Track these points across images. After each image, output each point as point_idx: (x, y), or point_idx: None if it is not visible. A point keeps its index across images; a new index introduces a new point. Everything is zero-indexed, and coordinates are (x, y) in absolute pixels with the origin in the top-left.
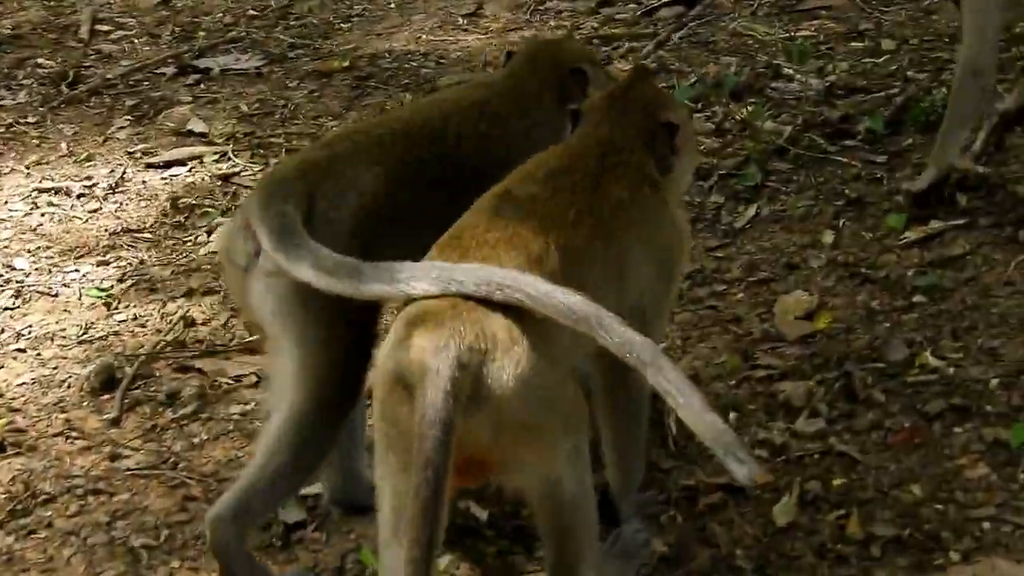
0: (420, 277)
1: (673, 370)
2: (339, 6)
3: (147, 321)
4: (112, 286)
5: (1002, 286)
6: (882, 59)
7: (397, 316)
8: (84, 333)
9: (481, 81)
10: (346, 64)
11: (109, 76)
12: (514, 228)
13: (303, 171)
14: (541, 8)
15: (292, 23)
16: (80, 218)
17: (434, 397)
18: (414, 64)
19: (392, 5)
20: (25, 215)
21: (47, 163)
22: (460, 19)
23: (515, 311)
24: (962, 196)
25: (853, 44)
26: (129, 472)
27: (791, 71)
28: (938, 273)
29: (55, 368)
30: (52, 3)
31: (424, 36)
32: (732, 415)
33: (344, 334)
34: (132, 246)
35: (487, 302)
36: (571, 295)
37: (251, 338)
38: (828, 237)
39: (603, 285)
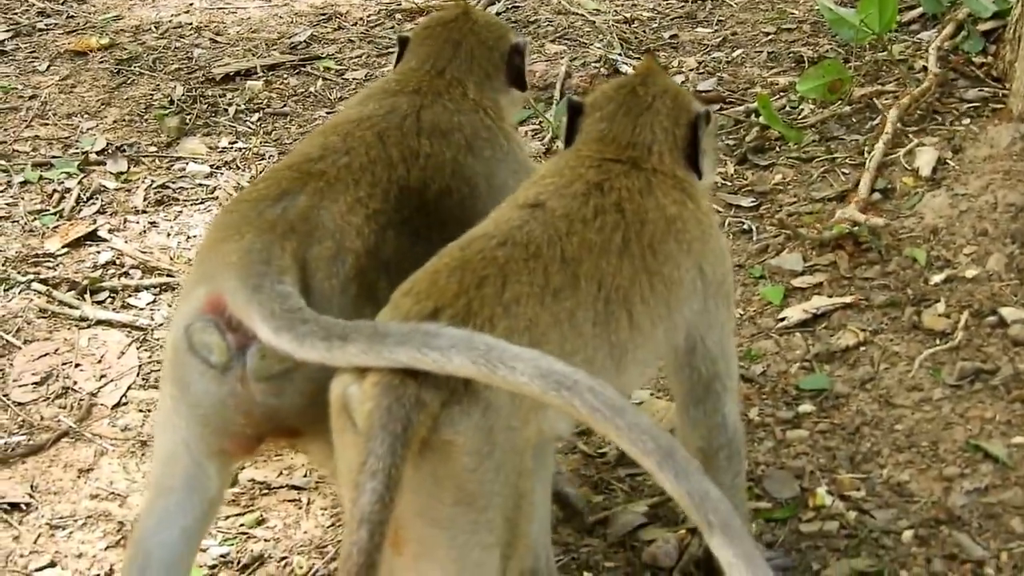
0: (461, 349)
1: (748, 541)
2: None
3: None
4: None
5: (906, 392)
6: (736, 52)
7: None
8: None
9: (393, 82)
10: (104, 42)
11: None
12: (549, 256)
13: (281, 234)
14: None
15: None
16: None
17: (379, 443)
18: (186, 42)
19: None
20: None
21: None
22: None
23: None
24: (845, 260)
25: (700, 30)
26: None
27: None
28: (826, 371)
29: None
30: None
31: (197, 3)
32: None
33: None
34: None
35: None
36: (642, 416)
37: None
38: None
39: (647, 328)
